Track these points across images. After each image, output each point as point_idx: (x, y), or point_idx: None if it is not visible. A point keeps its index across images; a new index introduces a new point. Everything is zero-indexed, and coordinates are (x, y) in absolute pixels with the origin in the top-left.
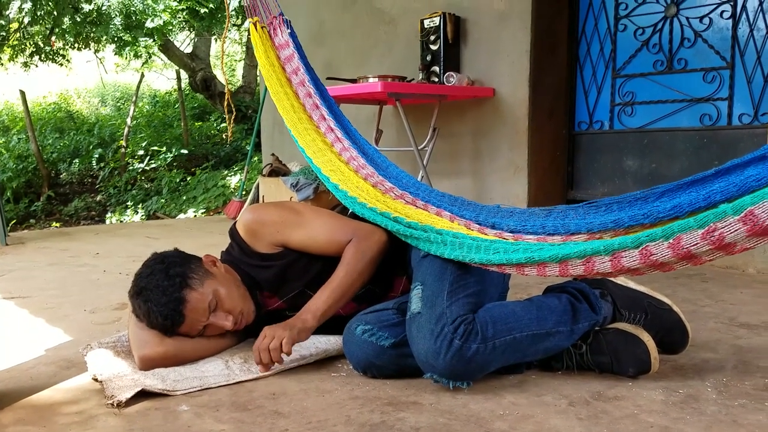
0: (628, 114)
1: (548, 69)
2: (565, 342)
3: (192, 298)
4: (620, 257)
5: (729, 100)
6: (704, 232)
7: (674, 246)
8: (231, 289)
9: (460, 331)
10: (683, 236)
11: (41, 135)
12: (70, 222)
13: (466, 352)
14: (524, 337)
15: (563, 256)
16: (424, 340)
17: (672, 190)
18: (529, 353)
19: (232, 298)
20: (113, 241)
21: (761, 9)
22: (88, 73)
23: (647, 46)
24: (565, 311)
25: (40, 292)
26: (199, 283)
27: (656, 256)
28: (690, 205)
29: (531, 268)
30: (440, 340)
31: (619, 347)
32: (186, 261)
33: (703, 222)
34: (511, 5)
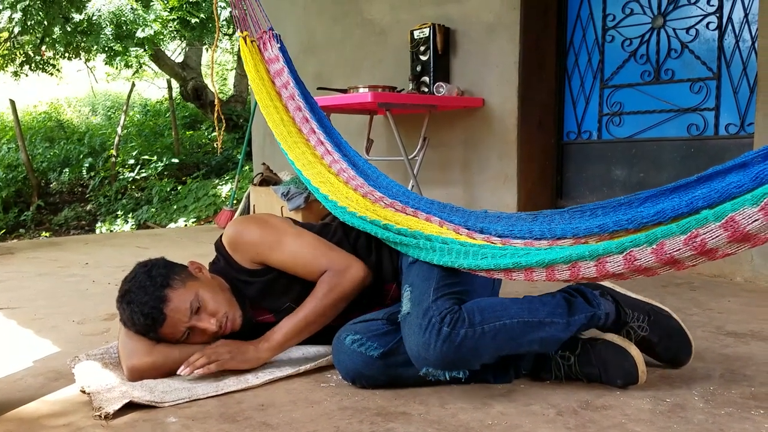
0: (616, 124)
1: (537, 79)
2: (562, 333)
3: (173, 296)
4: (605, 262)
5: (716, 111)
6: (687, 238)
7: (657, 251)
8: (215, 292)
9: (447, 319)
10: (666, 242)
11: (31, 144)
12: (60, 231)
13: (455, 338)
14: (515, 324)
15: (549, 261)
16: (414, 336)
17: (655, 196)
18: (524, 342)
19: (216, 300)
20: (103, 251)
21: (746, 20)
22: (79, 82)
23: (635, 57)
24: (558, 304)
25: (28, 302)
26: (181, 284)
27: (640, 261)
28: (673, 211)
29: (518, 273)
30: (428, 331)
31: (607, 359)
32: (170, 265)
33: (685, 228)
34: (499, 17)
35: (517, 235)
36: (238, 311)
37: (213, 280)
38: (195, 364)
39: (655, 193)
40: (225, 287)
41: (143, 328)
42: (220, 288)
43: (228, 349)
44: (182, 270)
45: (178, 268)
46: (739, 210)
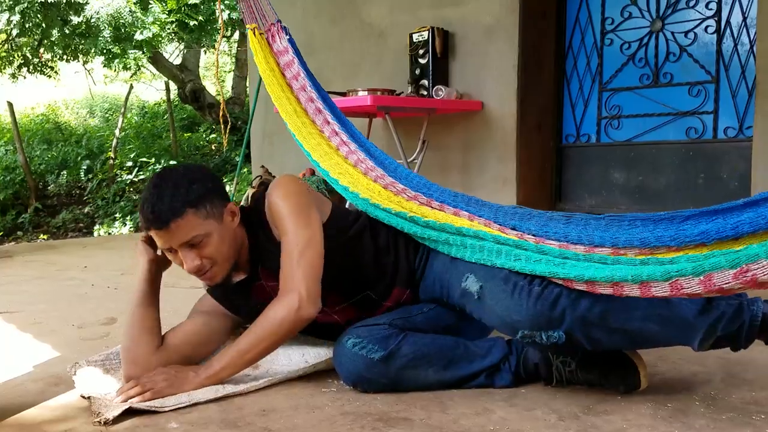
0: (614, 127)
1: (536, 83)
2: (690, 315)
3: (189, 219)
4: (650, 287)
5: (714, 114)
6: (736, 272)
7: (705, 282)
8: (223, 245)
9: (537, 281)
10: (715, 274)
11: (29, 146)
12: (58, 234)
13: (549, 295)
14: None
15: (589, 278)
16: (499, 304)
17: (697, 216)
18: (638, 316)
19: (218, 251)
20: (101, 254)
21: (745, 24)
22: (77, 84)
23: (633, 61)
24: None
25: (27, 306)
26: (204, 215)
27: (687, 290)
28: (717, 233)
29: (557, 281)
30: (517, 292)
31: (608, 364)
32: (210, 191)
33: (735, 263)
34: (498, 20)
35: (551, 236)
36: (225, 269)
37: (234, 231)
38: (128, 393)
39: (696, 213)
40: (237, 246)
41: (144, 218)
42: (232, 244)
43: (164, 377)
44: (218, 203)
45: (217, 199)
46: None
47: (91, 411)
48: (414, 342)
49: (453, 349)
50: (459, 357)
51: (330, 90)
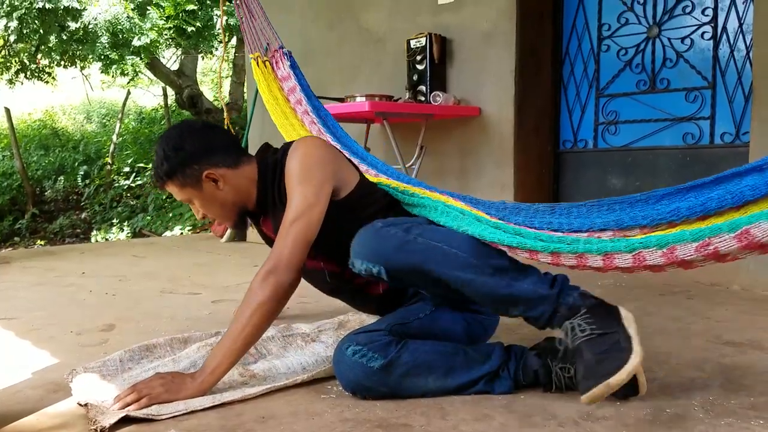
0: (611, 133)
1: (533, 88)
2: (492, 282)
3: (170, 187)
4: (613, 257)
5: (711, 120)
6: (699, 245)
7: (667, 254)
8: (211, 204)
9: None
10: (678, 246)
11: (26, 152)
12: (55, 240)
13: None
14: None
15: (554, 249)
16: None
17: (671, 194)
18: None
19: (206, 210)
20: (99, 260)
21: (741, 30)
22: (74, 89)
23: (630, 66)
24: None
25: (25, 313)
26: (179, 185)
27: (649, 261)
28: (687, 210)
29: (522, 252)
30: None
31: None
32: (191, 158)
33: (698, 236)
34: (495, 26)
35: (535, 225)
36: (231, 221)
37: (219, 193)
38: (125, 400)
39: (671, 191)
40: (226, 202)
41: (154, 177)
42: (219, 202)
43: (161, 383)
44: (193, 172)
45: (190, 170)
46: (755, 223)
47: (88, 418)
48: (414, 350)
49: (452, 355)
50: (459, 364)
51: (328, 96)
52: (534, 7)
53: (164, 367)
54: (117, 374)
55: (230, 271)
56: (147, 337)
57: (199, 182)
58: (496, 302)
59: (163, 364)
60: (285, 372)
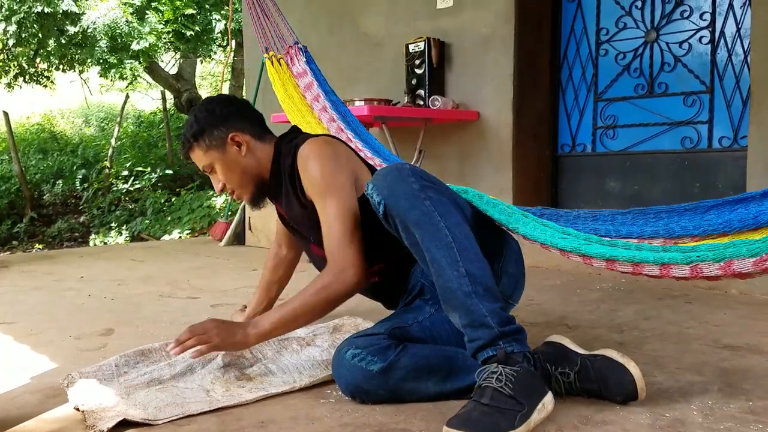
0: (610, 137)
1: (531, 93)
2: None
3: (195, 151)
4: (670, 268)
5: (709, 124)
6: (756, 260)
7: (725, 267)
8: (232, 171)
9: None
10: (735, 261)
11: (24, 156)
12: (54, 244)
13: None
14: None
15: (610, 256)
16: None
17: (720, 206)
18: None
19: (227, 177)
20: (98, 264)
21: (739, 35)
22: (72, 93)
23: (628, 71)
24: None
25: (24, 317)
26: (206, 147)
27: (706, 273)
28: (740, 222)
29: (576, 257)
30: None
31: (606, 375)
32: (219, 120)
33: (755, 252)
34: (494, 31)
35: (580, 229)
36: (249, 193)
37: (241, 159)
38: (185, 345)
39: (719, 203)
40: (247, 169)
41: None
42: (240, 168)
43: (217, 331)
44: (220, 134)
45: (218, 131)
46: None
47: (85, 423)
48: (414, 354)
49: (452, 359)
50: (458, 368)
51: None
52: (532, 11)
53: (160, 371)
54: (113, 378)
55: (229, 275)
56: (146, 342)
57: (224, 144)
58: (448, 300)
59: (159, 368)
60: (281, 376)
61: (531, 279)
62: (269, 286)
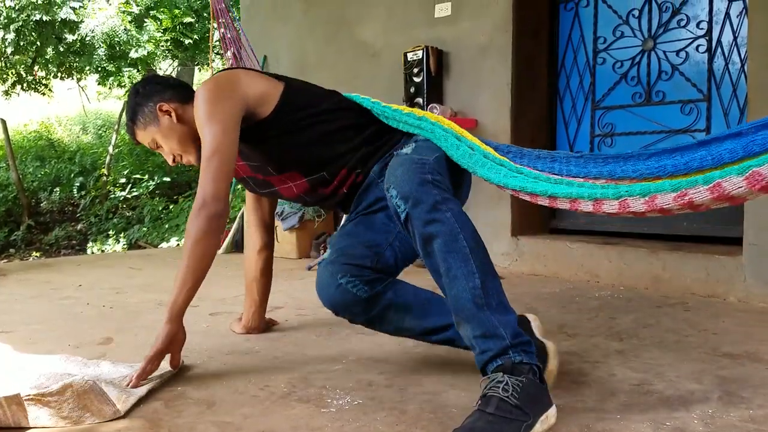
0: (608, 145)
1: (529, 100)
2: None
3: (137, 132)
4: (602, 203)
5: (706, 132)
6: (676, 195)
7: (649, 202)
8: (170, 139)
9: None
10: (658, 196)
11: (22, 163)
12: (51, 251)
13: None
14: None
15: (552, 194)
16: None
17: (659, 153)
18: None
19: (170, 146)
20: (96, 272)
21: (735, 43)
22: (70, 100)
23: (626, 79)
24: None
25: (23, 326)
26: (143, 125)
27: (632, 208)
28: (673, 167)
29: (525, 195)
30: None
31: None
32: (142, 100)
33: (676, 187)
34: (492, 39)
35: (537, 168)
36: (193, 155)
37: (175, 126)
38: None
39: (659, 150)
40: (185, 133)
41: (127, 132)
42: (178, 134)
43: (146, 356)
44: (149, 109)
45: (147, 108)
46: (726, 177)
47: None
48: (397, 290)
49: (429, 302)
50: (434, 311)
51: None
52: (529, 20)
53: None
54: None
55: (226, 283)
56: (145, 351)
57: (156, 117)
58: (460, 311)
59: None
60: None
61: (529, 286)
62: (250, 286)
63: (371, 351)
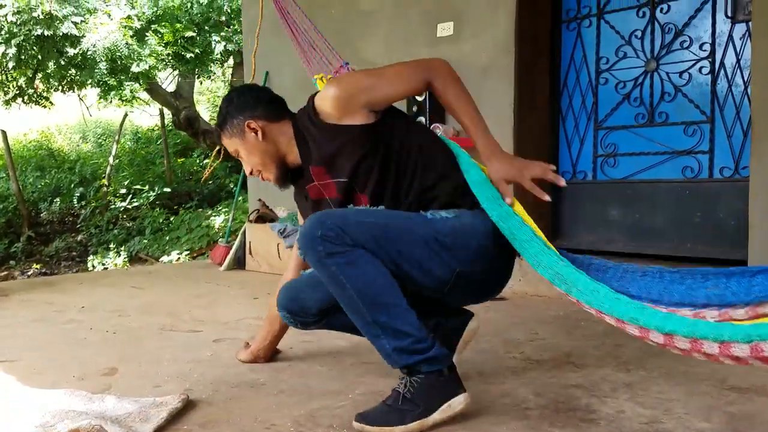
0: (611, 165)
1: (531, 120)
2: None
3: (223, 138)
4: (729, 346)
5: (710, 153)
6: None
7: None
8: (253, 155)
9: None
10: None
11: (22, 174)
12: (51, 263)
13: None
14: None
15: (669, 330)
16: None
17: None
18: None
19: (251, 161)
20: (98, 291)
21: (738, 65)
22: (70, 108)
23: (628, 100)
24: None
25: (26, 353)
26: (229, 135)
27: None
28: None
29: (634, 330)
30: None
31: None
32: (237, 109)
33: None
34: (494, 59)
35: (632, 293)
36: (272, 174)
37: (259, 144)
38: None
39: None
40: (268, 152)
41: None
42: (260, 151)
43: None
44: (238, 122)
45: (237, 120)
46: None
47: None
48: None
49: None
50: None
51: None
52: (532, 40)
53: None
54: None
55: (230, 304)
56: (149, 383)
57: (243, 132)
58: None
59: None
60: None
61: (533, 309)
62: (274, 318)
63: (376, 384)
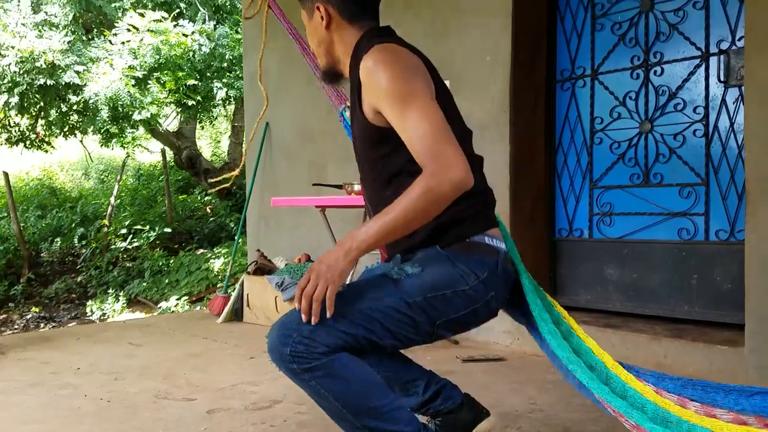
0: (606, 224)
1: (527, 177)
2: None
3: (302, 7)
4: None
5: (705, 216)
6: None
7: None
8: (312, 36)
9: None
10: None
11: (23, 214)
12: (50, 305)
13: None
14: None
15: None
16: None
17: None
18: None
19: (311, 40)
20: (95, 349)
21: (732, 129)
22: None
23: (623, 160)
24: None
25: (22, 426)
26: (302, 7)
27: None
28: None
29: None
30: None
31: None
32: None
33: None
34: (490, 117)
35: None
36: (322, 64)
37: (320, 30)
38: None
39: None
40: (326, 40)
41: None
42: (318, 40)
43: (320, 280)
44: (312, 2)
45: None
46: None
47: None
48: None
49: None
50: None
51: (326, 183)
52: (527, 99)
53: None
54: None
55: (226, 366)
56: None
57: (312, 11)
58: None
59: None
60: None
61: (532, 372)
62: None
63: None
